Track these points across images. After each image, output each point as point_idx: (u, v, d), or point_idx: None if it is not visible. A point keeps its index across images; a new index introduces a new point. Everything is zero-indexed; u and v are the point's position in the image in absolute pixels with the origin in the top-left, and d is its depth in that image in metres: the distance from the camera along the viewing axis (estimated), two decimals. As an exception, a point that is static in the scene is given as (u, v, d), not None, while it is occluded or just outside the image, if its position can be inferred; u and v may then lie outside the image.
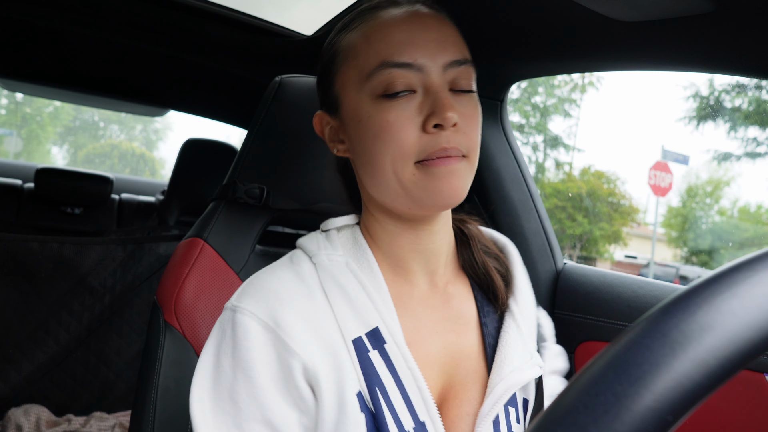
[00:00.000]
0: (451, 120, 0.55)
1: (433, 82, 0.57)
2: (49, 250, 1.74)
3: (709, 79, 13.96)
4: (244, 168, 0.96)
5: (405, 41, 0.57)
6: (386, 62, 0.57)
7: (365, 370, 0.56)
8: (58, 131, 25.44)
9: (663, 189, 12.71)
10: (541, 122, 17.32)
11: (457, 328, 0.64)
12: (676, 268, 15.15)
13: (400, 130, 0.56)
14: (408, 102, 0.57)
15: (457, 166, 0.57)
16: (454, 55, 0.58)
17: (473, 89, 0.61)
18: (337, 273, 0.60)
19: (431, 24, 0.59)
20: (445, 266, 0.66)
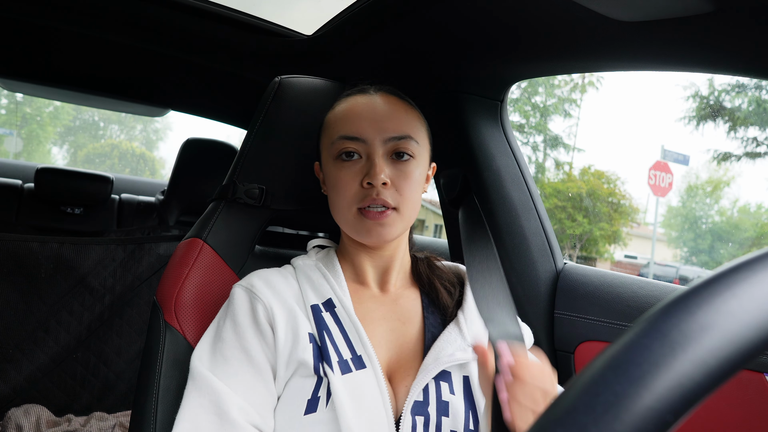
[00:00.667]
0: (379, 180, 0.75)
1: (373, 151, 0.78)
2: (49, 250, 1.74)
3: (709, 79, 13.96)
4: (243, 168, 0.96)
5: (357, 121, 0.79)
6: (342, 135, 0.79)
7: (317, 322, 0.76)
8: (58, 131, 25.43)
9: (663, 189, 12.71)
10: (541, 122, 17.32)
11: (403, 318, 0.83)
12: (676, 268, 15.15)
13: (346, 184, 0.78)
14: (354, 164, 0.79)
15: (384, 220, 0.77)
16: (393, 132, 0.79)
17: (412, 156, 0.79)
18: (307, 268, 0.84)
19: (381, 108, 0.80)
20: (396, 278, 0.86)
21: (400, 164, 0.79)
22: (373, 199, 0.76)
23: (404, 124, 0.80)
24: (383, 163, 0.77)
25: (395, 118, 0.80)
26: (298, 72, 1.20)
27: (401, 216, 0.79)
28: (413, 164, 0.79)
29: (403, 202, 0.78)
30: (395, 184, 0.78)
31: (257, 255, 1.00)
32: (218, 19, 1.33)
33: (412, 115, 0.82)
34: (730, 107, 13.51)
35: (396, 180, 0.78)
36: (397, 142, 0.78)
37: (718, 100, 13.70)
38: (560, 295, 1.10)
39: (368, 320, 0.81)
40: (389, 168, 0.78)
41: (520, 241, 1.13)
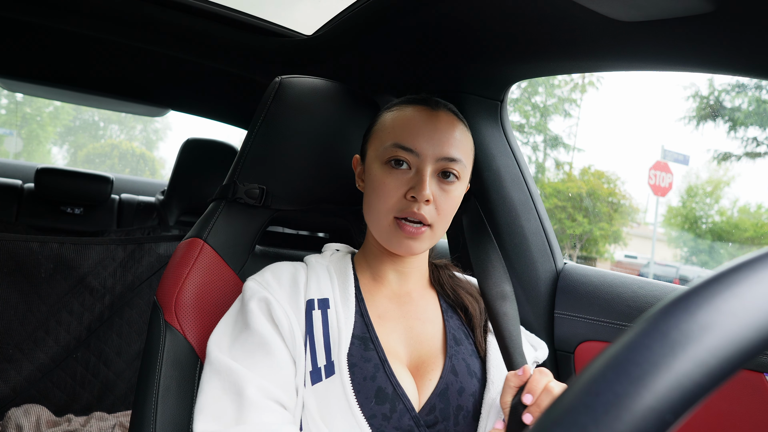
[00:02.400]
0: (424, 197, 0.77)
1: (424, 167, 0.79)
2: (49, 250, 1.74)
3: (709, 79, 13.95)
4: (244, 168, 0.96)
5: (415, 133, 0.80)
6: (397, 143, 0.80)
7: (306, 323, 0.78)
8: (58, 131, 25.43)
9: (663, 189, 12.71)
10: (541, 122, 17.31)
11: (422, 317, 0.84)
12: (676, 268, 15.15)
13: (390, 191, 0.79)
14: (403, 174, 0.80)
15: (418, 236, 0.79)
16: (448, 153, 0.80)
17: (457, 178, 0.81)
18: (318, 266, 0.85)
19: (442, 126, 0.81)
20: (414, 282, 0.88)
21: (445, 184, 0.80)
22: (413, 213, 0.78)
23: (458, 146, 0.81)
24: (430, 181, 0.79)
25: (452, 139, 0.81)
26: (299, 72, 1.20)
27: (434, 233, 0.81)
28: (457, 186, 0.82)
29: (439, 221, 0.80)
30: (437, 202, 0.79)
31: (257, 255, 1.00)
32: (218, 19, 1.33)
33: (466, 139, 0.84)
34: (730, 107, 13.51)
35: (438, 198, 0.79)
36: (448, 162, 0.80)
37: (718, 100, 13.70)
38: (560, 295, 1.10)
39: (387, 318, 0.82)
40: (435, 185, 0.80)
41: (520, 241, 1.13)
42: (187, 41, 1.45)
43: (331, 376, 0.73)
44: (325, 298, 0.80)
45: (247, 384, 0.71)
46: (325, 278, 0.83)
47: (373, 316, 0.81)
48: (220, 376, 0.73)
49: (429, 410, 0.74)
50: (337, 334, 0.76)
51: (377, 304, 0.83)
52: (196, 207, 2.27)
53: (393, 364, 0.76)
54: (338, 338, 0.76)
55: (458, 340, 0.83)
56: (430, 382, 0.77)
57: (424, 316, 0.85)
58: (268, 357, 0.74)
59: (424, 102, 0.84)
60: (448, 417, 0.75)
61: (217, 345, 0.77)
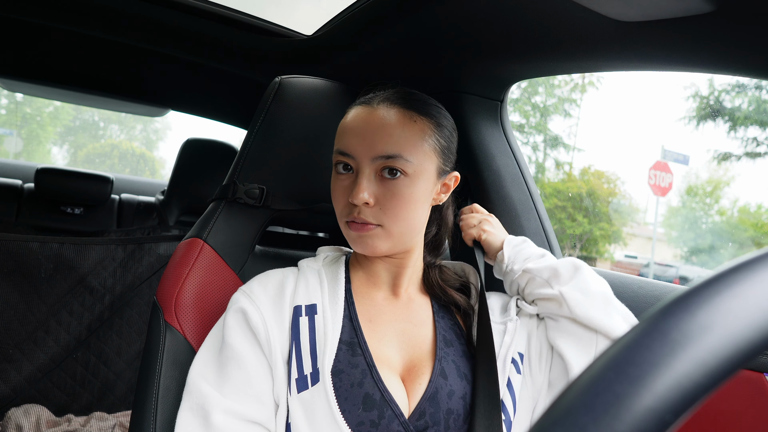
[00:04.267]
0: (360, 200, 0.75)
1: (360, 169, 0.77)
2: (49, 250, 1.74)
3: (709, 79, 13.95)
4: (244, 168, 0.96)
5: (349, 137, 0.78)
6: (337, 149, 0.80)
7: (292, 329, 0.77)
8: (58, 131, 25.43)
9: (663, 189, 12.71)
10: (541, 122, 17.31)
11: (414, 321, 0.84)
12: (676, 268, 15.14)
13: (338, 197, 0.80)
14: (347, 179, 0.79)
15: (368, 233, 0.77)
16: (382, 151, 0.76)
17: (404, 174, 0.77)
18: (309, 271, 0.84)
19: (376, 124, 0.77)
20: (407, 283, 0.86)
21: (389, 183, 0.77)
22: (355, 217, 0.77)
23: (395, 142, 0.76)
24: (368, 182, 0.76)
25: (386, 136, 0.76)
26: (298, 72, 1.20)
27: (388, 233, 0.78)
28: (404, 182, 0.77)
29: (389, 221, 0.77)
30: (381, 203, 0.76)
31: (257, 255, 1.00)
32: (218, 19, 1.33)
33: (410, 131, 0.78)
34: (730, 107, 13.52)
35: (382, 198, 0.76)
36: (385, 161, 0.76)
37: (718, 100, 13.70)
38: (560, 295, 1.10)
39: (378, 322, 0.81)
40: (377, 186, 0.77)
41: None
42: (187, 41, 1.45)
43: (316, 384, 0.72)
44: (312, 304, 0.79)
45: (213, 409, 0.71)
46: (315, 283, 0.82)
47: (363, 320, 0.80)
48: (191, 398, 0.74)
49: (419, 415, 0.73)
50: (324, 340, 0.75)
51: (368, 308, 0.82)
52: (196, 207, 2.28)
53: (381, 370, 0.75)
54: (324, 345, 0.75)
55: (449, 341, 0.82)
56: (420, 386, 0.76)
57: (417, 318, 0.84)
58: (239, 371, 0.73)
59: (366, 102, 0.81)
60: (439, 421, 0.73)
61: (194, 365, 0.77)
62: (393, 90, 0.83)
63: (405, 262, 0.85)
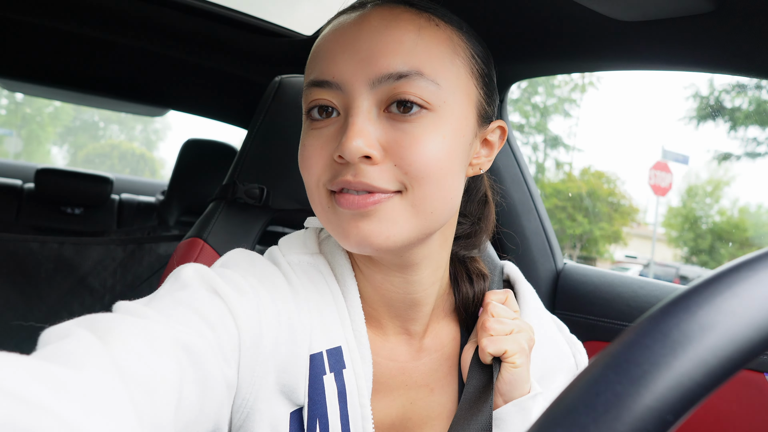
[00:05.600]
0: (355, 151, 0.45)
1: (352, 101, 0.48)
2: (49, 250, 1.74)
3: (709, 79, 13.97)
4: (244, 168, 0.96)
5: (331, 55, 0.49)
6: (310, 80, 0.51)
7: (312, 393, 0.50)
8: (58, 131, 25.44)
9: (663, 189, 12.71)
10: (541, 122, 17.32)
11: (432, 382, 0.57)
12: (676, 268, 15.15)
13: (311, 157, 0.50)
14: (328, 126, 0.50)
15: (373, 208, 0.47)
16: (387, 67, 0.47)
17: (425, 106, 0.48)
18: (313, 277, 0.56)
19: (373, 30, 0.49)
20: (429, 311, 0.58)
21: (403, 123, 0.48)
22: (347, 182, 0.47)
23: (408, 51, 0.48)
24: (366, 122, 0.47)
25: (392, 42, 0.48)
26: (298, 72, 1.20)
27: (413, 205, 0.48)
28: (429, 121, 0.48)
29: (417, 183, 0.47)
30: (394, 155, 0.47)
31: (257, 255, 1.00)
32: (219, 19, 1.32)
33: (430, 37, 0.49)
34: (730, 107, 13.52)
35: (395, 147, 0.47)
36: (395, 83, 0.47)
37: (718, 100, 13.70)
38: (560, 294, 1.10)
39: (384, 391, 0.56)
40: (385, 129, 0.48)
41: (520, 241, 1.13)
42: (187, 41, 1.45)
43: None
44: (336, 347, 0.52)
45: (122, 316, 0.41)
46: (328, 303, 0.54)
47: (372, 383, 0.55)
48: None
49: None
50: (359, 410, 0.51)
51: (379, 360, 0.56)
52: (196, 207, 2.27)
53: None
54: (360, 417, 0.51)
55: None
56: None
57: (435, 376, 0.58)
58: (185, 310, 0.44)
59: (354, 7, 0.54)
60: None
61: None
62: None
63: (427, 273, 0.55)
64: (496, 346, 0.52)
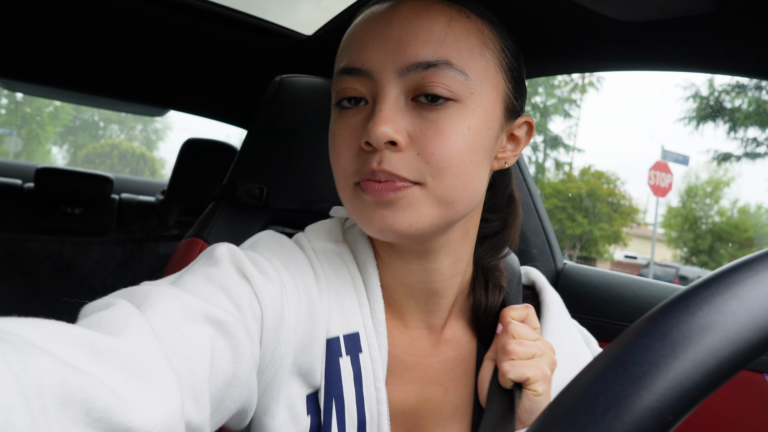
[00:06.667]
0: (382, 136, 0.46)
1: (379, 89, 0.49)
2: (49, 250, 1.74)
3: (709, 79, 13.97)
4: (243, 168, 0.96)
5: (361, 44, 0.50)
6: (340, 69, 0.52)
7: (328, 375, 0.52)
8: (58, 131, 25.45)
9: (663, 189, 12.71)
10: (541, 122, 17.31)
11: (446, 381, 0.57)
12: (676, 268, 15.15)
13: (340, 146, 0.52)
14: (356, 115, 0.51)
15: (395, 196, 0.48)
16: (416, 56, 0.48)
17: (452, 98, 0.48)
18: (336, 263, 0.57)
19: (404, 18, 0.49)
20: (450, 304, 0.59)
21: (429, 112, 0.48)
22: (371, 170, 0.48)
23: (438, 41, 0.48)
24: (395, 110, 0.48)
25: (422, 31, 0.48)
26: (298, 72, 1.20)
27: (433, 196, 0.49)
28: (455, 111, 0.48)
29: (435, 174, 0.48)
30: (419, 144, 0.48)
31: (257, 255, 1.00)
32: (219, 19, 1.32)
33: (461, 29, 0.50)
34: (730, 107, 13.52)
35: (420, 137, 0.48)
36: (423, 72, 0.48)
37: (718, 100, 13.70)
38: (560, 294, 1.10)
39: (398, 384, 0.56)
40: (411, 118, 0.49)
41: (520, 241, 1.13)
42: (187, 41, 1.45)
43: None
44: (353, 333, 0.53)
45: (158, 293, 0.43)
46: (348, 289, 0.55)
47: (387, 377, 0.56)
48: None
49: None
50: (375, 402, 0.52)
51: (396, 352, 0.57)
52: (196, 207, 2.28)
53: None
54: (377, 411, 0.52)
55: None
56: None
57: (451, 375, 0.58)
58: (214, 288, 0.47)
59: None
60: None
61: None
62: None
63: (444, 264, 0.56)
64: (518, 372, 0.51)
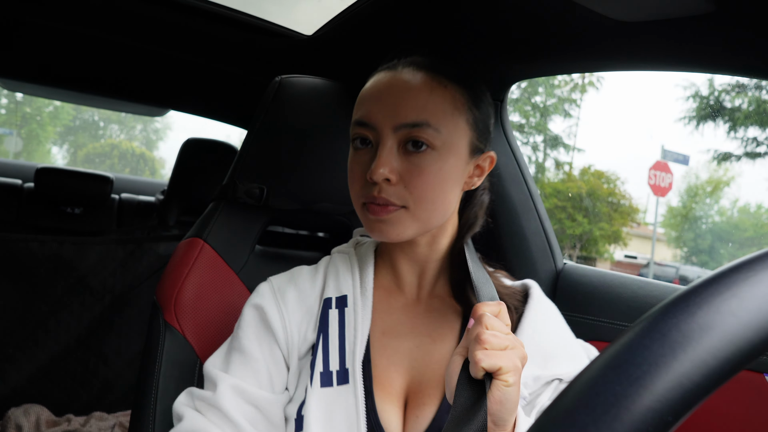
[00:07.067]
0: (380, 176, 0.66)
1: (380, 140, 0.68)
2: (49, 250, 1.74)
3: (709, 79, 13.96)
4: (244, 168, 0.96)
5: (369, 105, 0.70)
6: (355, 120, 0.71)
7: (321, 321, 0.72)
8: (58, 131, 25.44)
9: (663, 189, 12.71)
10: (541, 122, 17.32)
11: (433, 334, 0.73)
12: (676, 268, 15.15)
13: (355, 176, 0.71)
14: (365, 154, 0.70)
15: (386, 216, 0.68)
16: (405, 118, 0.67)
17: (430, 146, 0.68)
18: (339, 258, 0.79)
19: (399, 87, 0.69)
20: (432, 283, 0.77)
21: (413, 156, 0.67)
22: (373, 197, 0.68)
23: (421, 107, 0.67)
24: (390, 156, 0.67)
25: (411, 100, 0.67)
26: (298, 72, 1.20)
27: (412, 216, 0.68)
28: (431, 156, 0.67)
29: (414, 201, 0.68)
30: (405, 180, 0.67)
31: (258, 255, 1.00)
32: (218, 19, 1.33)
33: (439, 96, 0.69)
34: (730, 107, 13.52)
35: (406, 175, 0.67)
36: (410, 129, 0.67)
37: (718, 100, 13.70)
38: (560, 295, 1.10)
39: (394, 333, 0.73)
40: (401, 160, 0.68)
41: (520, 241, 1.13)
42: (187, 41, 1.45)
43: (344, 385, 0.66)
44: (343, 295, 0.73)
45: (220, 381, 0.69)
46: (346, 272, 0.76)
47: (375, 332, 0.73)
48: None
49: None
50: (353, 337, 0.70)
51: (385, 317, 0.74)
52: (196, 207, 2.27)
53: (378, 394, 0.68)
54: (354, 342, 0.69)
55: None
56: (418, 419, 0.66)
57: (437, 331, 0.73)
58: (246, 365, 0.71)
59: (389, 67, 0.74)
60: None
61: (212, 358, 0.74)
62: (421, 55, 0.75)
63: (431, 255, 0.76)
64: (491, 361, 0.54)
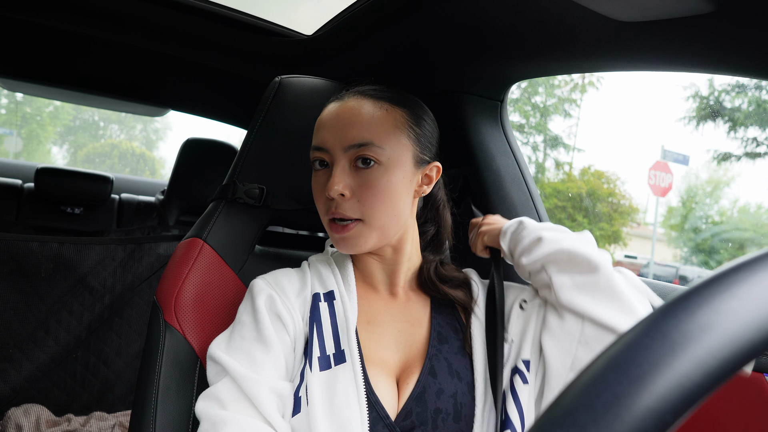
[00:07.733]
0: (335, 192, 0.75)
1: (333, 161, 0.78)
2: (49, 250, 1.74)
3: (709, 79, 13.95)
4: (243, 168, 0.96)
5: (323, 131, 0.79)
6: (313, 146, 0.81)
7: (312, 312, 0.79)
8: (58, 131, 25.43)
9: (663, 189, 12.70)
10: (541, 122, 17.31)
11: (411, 320, 0.83)
12: (676, 268, 15.14)
13: (317, 195, 0.81)
14: (324, 174, 0.79)
15: (347, 233, 0.77)
16: (352, 140, 0.76)
17: (377, 162, 0.76)
18: (319, 263, 0.87)
19: (346, 114, 0.78)
20: (403, 281, 0.86)
21: (363, 172, 0.76)
22: (332, 212, 0.77)
23: (366, 129, 0.76)
24: (342, 174, 0.76)
25: (356, 124, 0.77)
26: (298, 72, 1.20)
27: (369, 226, 0.77)
28: (379, 171, 0.76)
29: (368, 213, 0.77)
30: (357, 194, 0.76)
31: (257, 255, 1.00)
32: (218, 19, 1.33)
33: (380, 119, 0.78)
34: (730, 107, 13.51)
35: (358, 189, 0.76)
36: (358, 149, 0.76)
37: (718, 100, 13.70)
38: (560, 295, 1.10)
39: (377, 322, 0.82)
40: (352, 177, 0.77)
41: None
42: (187, 41, 1.45)
43: (341, 364, 0.73)
44: (330, 290, 0.81)
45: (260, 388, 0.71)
46: (328, 273, 0.84)
47: (361, 322, 0.81)
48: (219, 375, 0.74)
49: (405, 416, 0.73)
50: (345, 323, 0.77)
51: (366, 308, 0.83)
52: (196, 207, 2.28)
53: (371, 371, 0.75)
54: (346, 327, 0.76)
55: (444, 338, 0.81)
56: (408, 386, 0.76)
57: (414, 317, 0.84)
58: (268, 354, 0.74)
59: (338, 97, 0.83)
60: (426, 421, 0.73)
61: (217, 344, 0.77)
62: (366, 85, 0.84)
63: (398, 258, 0.85)
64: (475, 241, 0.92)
